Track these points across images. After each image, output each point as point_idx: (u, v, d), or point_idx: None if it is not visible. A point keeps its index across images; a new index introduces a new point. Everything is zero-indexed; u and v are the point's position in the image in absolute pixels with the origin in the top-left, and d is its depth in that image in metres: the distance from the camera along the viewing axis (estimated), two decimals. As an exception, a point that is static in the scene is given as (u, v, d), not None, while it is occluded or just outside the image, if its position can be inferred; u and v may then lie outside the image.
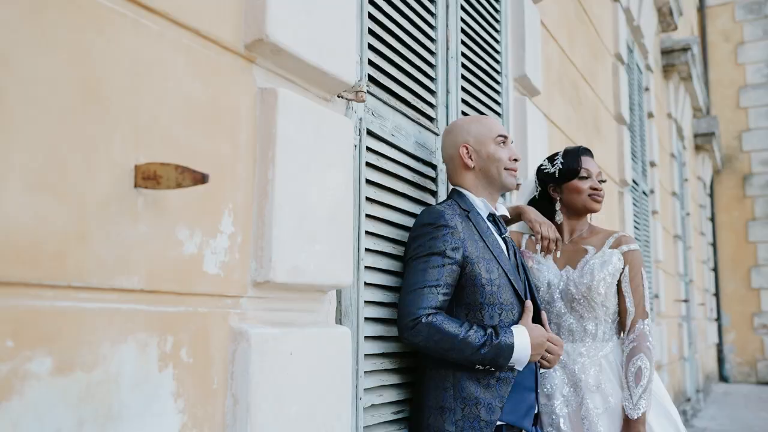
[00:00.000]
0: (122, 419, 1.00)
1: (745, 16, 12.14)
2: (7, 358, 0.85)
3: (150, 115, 1.08)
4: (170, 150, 1.11)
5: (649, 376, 1.87)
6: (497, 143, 1.81)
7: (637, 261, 1.98)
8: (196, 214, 1.15)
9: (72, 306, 0.94)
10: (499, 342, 1.61)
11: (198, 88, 1.18)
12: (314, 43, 1.40)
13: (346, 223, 1.48)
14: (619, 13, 4.85)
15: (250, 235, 1.26)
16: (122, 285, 1.01)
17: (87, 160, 0.97)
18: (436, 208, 1.72)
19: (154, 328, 1.06)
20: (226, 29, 1.25)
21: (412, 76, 1.93)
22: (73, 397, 0.93)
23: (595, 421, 1.87)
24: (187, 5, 1.16)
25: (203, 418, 1.14)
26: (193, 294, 1.14)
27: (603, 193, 2.12)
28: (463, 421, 1.62)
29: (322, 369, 1.38)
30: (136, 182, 1.04)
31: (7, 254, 0.85)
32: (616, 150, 4.66)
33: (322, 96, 1.52)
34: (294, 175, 1.32)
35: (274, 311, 1.32)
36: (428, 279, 1.62)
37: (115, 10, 1.03)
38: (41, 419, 0.88)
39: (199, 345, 1.14)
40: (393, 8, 1.84)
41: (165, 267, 1.09)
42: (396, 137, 1.81)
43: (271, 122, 1.29)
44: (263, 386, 1.21)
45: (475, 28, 2.40)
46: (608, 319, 1.99)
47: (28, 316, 0.88)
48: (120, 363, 1.00)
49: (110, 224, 1.00)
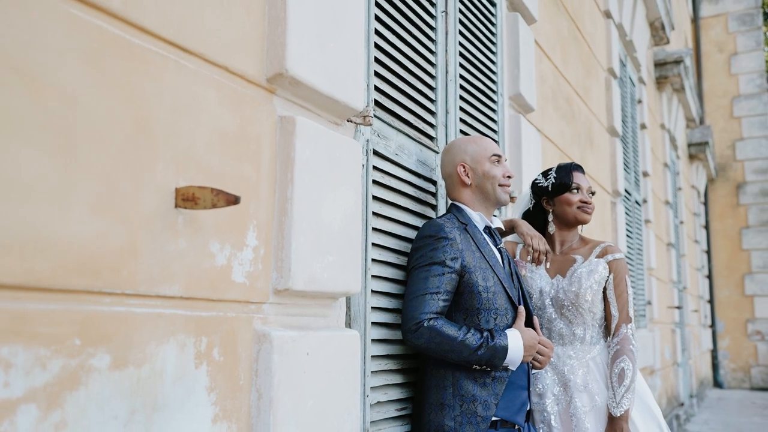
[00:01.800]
0: (165, 409, 1.15)
1: (738, 27, 12.36)
2: (75, 354, 1.00)
3: (187, 143, 1.23)
4: (204, 174, 1.26)
5: (632, 377, 2.02)
6: (492, 162, 1.97)
7: (621, 269, 2.14)
8: (226, 230, 1.30)
9: (125, 311, 1.09)
10: (494, 344, 1.76)
11: (227, 118, 1.33)
12: (327, 74, 1.56)
13: (355, 236, 1.63)
14: (611, 29, 5.02)
15: (272, 248, 1.42)
16: (165, 292, 1.17)
17: (136, 184, 1.12)
18: (436, 222, 1.87)
19: (191, 331, 1.22)
20: (251, 65, 1.41)
21: (414, 99, 2.09)
22: (127, 389, 1.08)
23: (582, 418, 2.03)
24: (218, 45, 1.32)
25: (232, 410, 1.29)
26: (223, 300, 1.30)
27: (593, 206, 2.28)
28: (462, 417, 1.77)
29: (334, 368, 1.53)
30: (176, 203, 1.19)
31: (74, 267, 1.01)
32: (609, 161, 4.83)
33: (333, 121, 1.67)
34: (310, 193, 1.48)
35: (292, 316, 1.47)
36: (429, 286, 1.77)
37: (160, 54, 1.19)
38: (102, 407, 1.03)
39: (228, 345, 1.30)
40: (397, 37, 2.00)
41: (200, 277, 1.24)
42: (399, 156, 1.97)
43: (289, 147, 1.45)
44: (284, 382, 1.36)
45: (473, 51, 2.56)
46: (595, 323, 2.14)
47: (90, 319, 1.03)
48: (163, 360, 1.15)
49: (155, 240, 1.15)
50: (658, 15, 6.14)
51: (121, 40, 1.11)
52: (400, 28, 2.02)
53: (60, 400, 0.97)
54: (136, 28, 1.15)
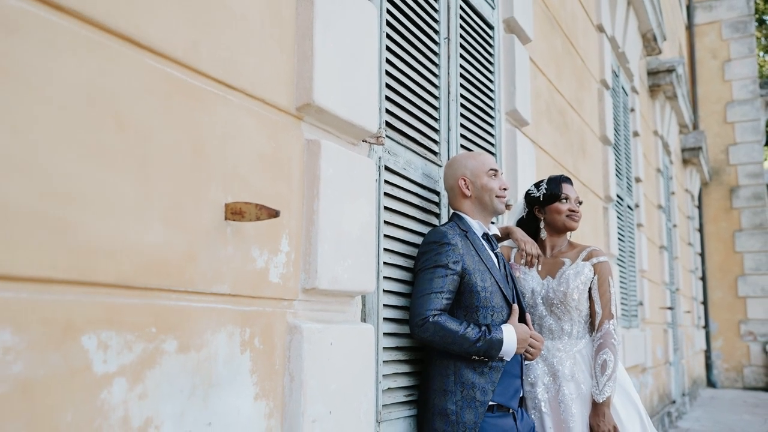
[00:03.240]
0: (218, 386, 1.39)
1: (731, 34, 12.62)
2: (152, 339, 1.24)
3: (233, 165, 1.47)
4: (247, 191, 1.50)
5: (613, 368, 2.26)
6: (489, 176, 2.21)
7: (604, 271, 2.39)
8: (265, 239, 1.54)
9: (187, 305, 1.33)
10: (491, 337, 2.00)
11: (264, 143, 1.57)
12: (346, 102, 1.80)
13: (370, 242, 1.87)
14: (604, 42, 5.26)
15: (301, 253, 1.66)
16: (217, 290, 1.41)
17: (195, 201, 1.36)
18: (440, 229, 2.12)
19: (237, 323, 1.46)
20: (283, 96, 1.65)
21: (420, 119, 2.33)
22: (189, 369, 1.32)
23: (569, 404, 2.27)
24: (257, 81, 1.56)
25: (269, 390, 1.53)
26: (262, 297, 1.54)
27: (580, 214, 2.52)
28: (462, 401, 2.01)
29: (353, 357, 1.77)
30: (226, 216, 1.44)
31: (150, 269, 1.25)
32: (601, 169, 5.07)
33: (351, 142, 1.91)
34: (332, 206, 1.72)
35: (318, 311, 1.71)
36: (434, 287, 2.01)
37: (212, 91, 1.43)
38: (172, 383, 1.27)
39: (266, 335, 1.54)
40: (405, 64, 2.24)
41: (244, 277, 1.48)
42: (407, 170, 2.21)
43: (315, 166, 1.69)
44: (312, 368, 1.60)
45: (472, 72, 2.80)
46: (581, 320, 2.39)
47: (162, 311, 1.27)
48: (216, 346, 1.39)
49: (209, 247, 1.39)
50: (650, 27, 6.39)
51: (183, 83, 1.36)
52: (408, 56, 2.26)
53: (142, 375, 1.21)
54: (194, 71, 1.39)
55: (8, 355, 1.00)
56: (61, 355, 1.08)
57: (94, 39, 1.17)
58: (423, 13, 2.39)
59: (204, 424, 1.35)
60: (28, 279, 1.04)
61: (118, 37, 1.22)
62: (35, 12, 1.07)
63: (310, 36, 1.70)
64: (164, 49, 1.31)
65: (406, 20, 2.26)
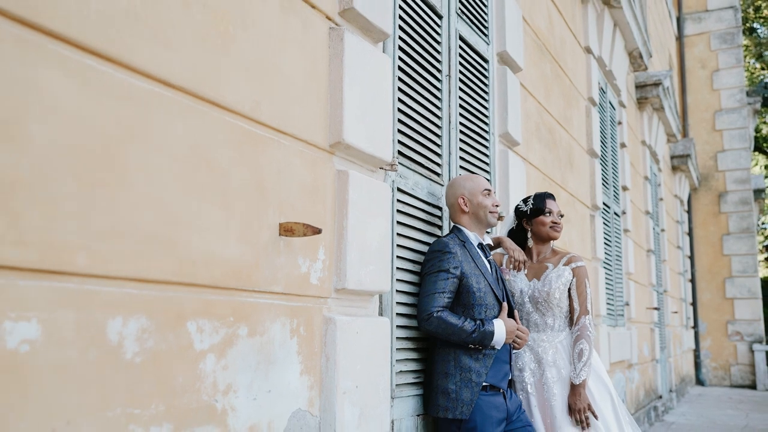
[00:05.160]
0: (275, 364, 1.82)
1: (719, 45, 13.09)
2: (231, 326, 1.67)
3: (285, 193, 1.90)
4: (294, 213, 1.93)
5: (588, 355, 2.70)
6: (484, 195, 2.64)
7: (581, 274, 2.82)
8: (307, 250, 1.97)
9: (254, 301, 1.76)
10: (484, 329, 2.43)
11: (306, 174, 2.00)
12: (367, 138, 2.23)
13: (386, 251, 2.30)
14: (591, 63, 5.70)
15: (333, 261, 2.09)
16: (274, 290, 1.83)
17: (258, 222, 1.79)
18: (442, 240, 2.55)
19: (288, 315, 1.88)
20: (320, 137, 2.08)
21: (425, 146, 2.76)
22: (256, 350, 1.75)
23: (551, 386, 2.70)
24: (301, 125, 1.98)
25: (311, 368, 1.96)
26: (305, 296, 1.97)
27: (561, 225, 2.96)
28: (461, 382, 2.44)
29: (373, 344, 2.20)
30: (280, 233, 1.87)
31: (229, 273, 1.67)
32: (588, 180, 5.51)
33: (370, 169, 2.35)
34: (358, 223, 2.15)
35: (346, 307, 2.14)
36: (437, 288, 2.45)
37: (270, 137, 1.86)
38: (244, 359, 1.70)
39: (308, 325, 1.96)
40: (413, 100, 2.67)
41: (292, 280, 1.91)
42: (415, 190, 2.64)
43: (344, 191, 2.12)
44: (343, 351, 2.03)
45: (470, 102, 3.24)
46: (562, 315, 2.82)
47: (238, 305, 1.70)
48: (273, 333, 1.82)
49: (268, 257, 1.82)
50: (636, 46, 6.84)
51: (249, 132, 1.79)
52: (416, 93, 2.69)
53: (225, 352, 1.64)
54: (257, 122, 1.82)
55: (145, 334, 1.43)
56: (175, 335, 1.51)
57: (192, 105, 1.60)
58: (428, 55, 2.82)
59: (265, 391, 1.78)
60: (154, 281, 1.47)
61: (207, 102, 1.65)
62: (155, 90, 1.50)
63: (340, 87, 2.13)
64: (236, 108, 1.74)
65: (414, 63, 2.70)
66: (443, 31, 2.99)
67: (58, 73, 1.28)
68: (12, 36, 1.20)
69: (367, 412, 2.13)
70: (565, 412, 2.68)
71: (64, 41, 1.29)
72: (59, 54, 1.28)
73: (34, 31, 1.24)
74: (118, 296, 1.37)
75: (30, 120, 1.22)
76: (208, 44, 1.66)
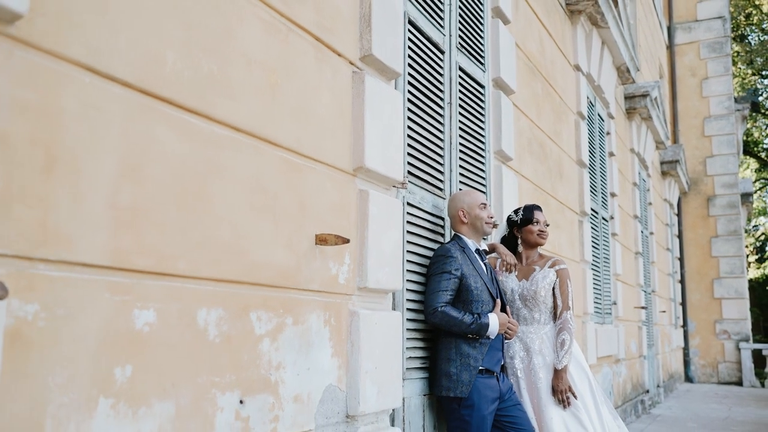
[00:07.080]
0: (313, 346, 2.27)
1: (708, 54, 13.58)
2: (281, 316, 2.12)
3: (319, 210, 2.35)
4: (326, 226, 2.38)
5: (569, 345, 3.15)
6: (480, 208, 3.10)
7: (564, 275, 3.28)
8: (336, 256, 2.42)
9: (297, 297, 2.21)
10: (481, 322, 2.89)
11: (335, 194, 2.46)
12: (383, 162, 2.69)
13: (398, 257, 2.76)
14: (580, 79, 6.16)
15: (356, 264, 2.54)
16: (311, 288, 2.29)
17: (299, 234, 2.24)
18: (445, 246, 3.00)
19: (322, 308, 2.34)
20: (346, 164, 2.53)
21: (430, 165, 3.21)
22: (298, 335, 2.20)
23: (538, 371, 3.16)
24: (331, 155, 2.43)
25: (339, 351, 2.41)
26: (335, 293, 2.42)
27: (547, 233, 3.42)
28: (461, 366, 2.89)
29: (388, 333, 2.65)
30: (316, 242, 2.32)
31: (279, 275, 2.12)
32: (577, 188, 5.96)
33: (385, 188, 2.80)
34: (376, 234, 2.60)
35: (367, 302, 2.59)
36: (441, 287, 2.90)
37: (308, 165, 2.31)
38: (290, 342, 2.15)
39: (337, 317, 2.42)
40: (419, 126, 3.13)
41: (325, 280, 2.36)
42: (421, 204, 3.10)
43: (365, 208, 2.57)
44: (365, 339, 2.48)
45: (468, 124, 3.69)
46: (547, 311, 3.28)
47: (285, 300, 2.15)
48: (311, 322, 2.27)
49: (307, 262, 2.27)
50: (623, 61, 7.31)
51: (292, 162, 2.24)
52: (422, 120, 3.15)
53: (275, 336, 2.09)
54: (298, 153, 2.27)
55: (221, 321, 1.88)
56: (242, 322, 1.96)
57: (252, 144, 2.05)
58: (432, 86, 3.28)
59: (305, 369, 2.23)
60: (228, 281, 1.92)
61: (263, 140, 2.10)
62: (227, 134, 1.95)
63: (362, 121, 2.58)
64: (284, 143, 2.19)
65: (421, 95, 3.15)
66: (445, 64, 3.45)
67: (165, 127, 1.73)
68: (137, 103, 1.65)
69: (384, 389, 2.58)
70: (550, 393, 3.14)
71: (168, 102, 1.75)
72: (165, 113, 1.74)
73: (149, 96, 1.69)
74: (204, 292, 1.83)
75: (148, 163, 1.67)
76: (262, 95, 2.12)
